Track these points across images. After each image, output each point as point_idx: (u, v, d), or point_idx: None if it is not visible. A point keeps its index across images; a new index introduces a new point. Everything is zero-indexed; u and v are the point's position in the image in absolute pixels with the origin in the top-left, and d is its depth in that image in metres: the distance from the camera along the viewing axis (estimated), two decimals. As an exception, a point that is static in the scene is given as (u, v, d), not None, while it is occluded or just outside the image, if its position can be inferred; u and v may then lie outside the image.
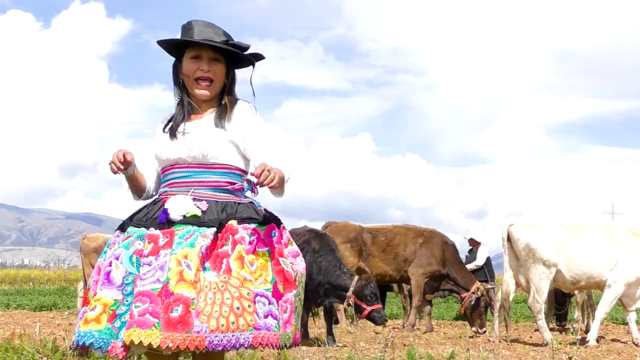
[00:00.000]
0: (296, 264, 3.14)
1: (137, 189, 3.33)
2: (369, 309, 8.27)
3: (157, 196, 3.26)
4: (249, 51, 3.29)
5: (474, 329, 10.56)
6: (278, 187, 2.99)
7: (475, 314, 10.62)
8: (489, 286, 11.66)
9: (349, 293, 8.25)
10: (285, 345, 3.04)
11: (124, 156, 3.11)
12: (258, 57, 3.30)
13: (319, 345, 8.28)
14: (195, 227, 3.01)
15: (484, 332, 10.47)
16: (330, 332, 8.57)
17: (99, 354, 2.90)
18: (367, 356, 5.80)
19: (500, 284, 10.42)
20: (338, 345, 8.32)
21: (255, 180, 2.95)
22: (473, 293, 10.61)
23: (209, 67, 3.22)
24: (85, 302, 3.05)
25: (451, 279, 10.97)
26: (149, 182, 3.37)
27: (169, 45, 3.32)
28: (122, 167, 3.12)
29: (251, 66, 3.32)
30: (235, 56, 3.27)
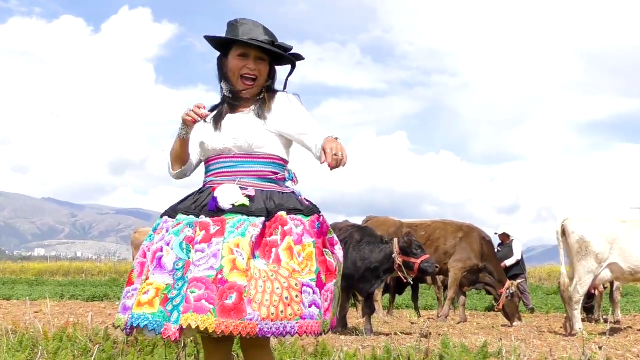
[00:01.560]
0: (336, 253, 3.16)
1: (181, 158, 3.32)
2: (418, 261, 8.27)
3: (202, 186, 3.25)
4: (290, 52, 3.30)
5: (515, 323, 10.51)
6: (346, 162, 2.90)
7: (511, 308, 10.62)
8: (520, 280, 11.61)
9: (395, 255, 8.26)
10: (324, 332, 3.04)
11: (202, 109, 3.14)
12: (298, 57, 3.30)
13: (357, 335, 8.28)
14: (245, 217, 3.00)
15: (521, 323, 10.43)
16: (368, 322, 8.58)
17: (151, 335, 2.90)
18: (403, 345, 5.78)
19: (557, 276, 10.31)
20: (375, 335, 8.33)
21: (326, 162, 2.86)
22: (507, 289, 10.59)
23: (255, 65, 3.22)
24: (129, 282, 3.09)
25: (488, 273, 10.91)
26: (191, 158, 3.37)
27: (216, 42, 3.31)
28: (202, 116, 3.13)
29: (290, 65, 3.32)
30: (278, 56, 3.27)
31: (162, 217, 3.21)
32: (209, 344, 3.21)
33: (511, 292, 10.62)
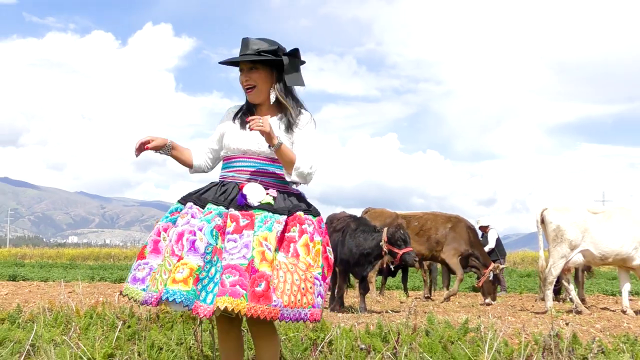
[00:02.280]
0: (330, 252, 3.19)
1: (184, 163, 3.36)
2: (400, 252, 8.26)
3: (221, 179, 3.22)
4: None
5: (487, 300, 10.55)
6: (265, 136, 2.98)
7: (489, 288, 10.64)
8: (503, 265, 11.65)
9: (382, 243, 8.25)
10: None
11: (141, 144, 3.21)
12: (294, 55, 3.20)
13: (352, 312, 8.28)
14: (270, 214, 3.01)
15: (495, 302, 10.45)
16: (362, 301, 8.57)
17: (180, 309, 2.89)
18: (393, 322, 5.77)
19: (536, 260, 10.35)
20: (369, 313, 8.32)
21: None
22: (491, 271, 10.61)
23: (247, 76, 3.21)
24: (141, 256, 3.10)
25: (475, 257, 10.93)
26: (197, 160, 3.37)
27: (228, 64, 3.29)
28: (137, 153, 3.23)
29: (299, 62, 3.23)
30: (279, 63, 3.20)
31: (183, 202, 3.17)
32: (222, 321, 3.20)
33: (495, 273, 10.65)
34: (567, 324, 6.71)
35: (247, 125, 2.96)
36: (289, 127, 3.16)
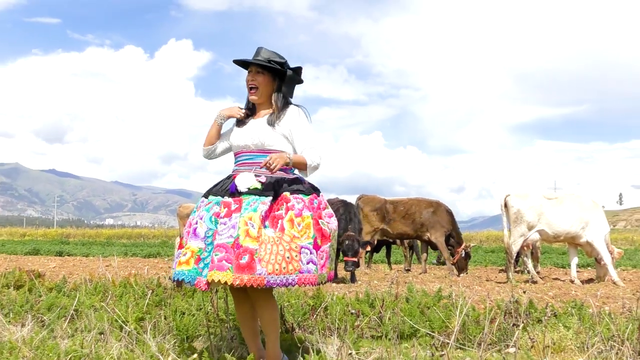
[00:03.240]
0: (330, 223, 3.12)
1: (213, 138, 3.31)
2: (345, 259, 8.28)
3: (231, 173, 3.22)
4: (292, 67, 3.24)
5: (465, 273, 10.52)
6: (279, 169, 3.01)
7: (461, 263, 10.63)
8: (472, 244, 11.60)
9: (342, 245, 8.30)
10: (322, 283, 3.05)
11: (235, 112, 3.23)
12: (294, 70, 3.22)
13: (344, 283, 8.28)
14: (257, 197, 3.00)
15: (465, 274, 10.42)
16: (352, 274, 8.57)
17: (188, 286, 2.95)
18: (378, 290, 5.78)
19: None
20: (358, 282, 8.33)
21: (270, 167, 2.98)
22: (463, 249, 10.62)
23: (253, 77, 3.20)
24: (180, 247, 3.12)
25: (452, 237, 10.89)
26: (219, 143, 3.34)
27: (239, 64, 3.29)
28: (242, 115, 3.23)
29: (294, 78, 3.23)
30: (278, 71, 3.20)
31: (200, 198, 3.22)
32: (234, 291, 3.20)
33: (466, 251, 10.62)
34: (524, 292, 6.72)
35: (267, 168, 2.98)
36: (276, 122, 3.15)
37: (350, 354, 3.26)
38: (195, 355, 3.17)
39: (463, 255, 10.59)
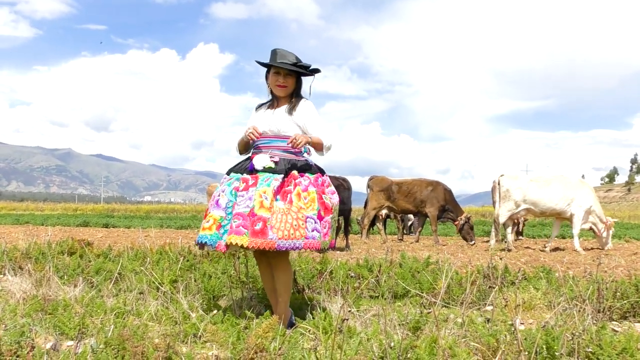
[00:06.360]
0: (333, 198, 3.14)
1: (245, 148, 3.32)
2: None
3: (249, 154, 3.24)
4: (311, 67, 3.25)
5: (472, 242, 10.35)
6: (304, 146, 3.06)
7: (465, 232, 10.54)
8: (468, 215, 11.56)
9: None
10: (325, 249, 3.07)
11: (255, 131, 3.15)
12: (315, 71, 3.24)
13: (346, 251, 8.30)
14: (271, 174, 3.02)
15: (474, 244, 10.32)
16: (347, 242, 8.56)
17: (210, 249, 2.96)
18: (375, 257, 5.78)
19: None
20: (358, 250, 8.33)
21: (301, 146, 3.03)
22: (461, 219, 10.58)
23: (284, 79, 3.19)
24: (205, 216, 3.14)
25: (450, 211, 10.85)
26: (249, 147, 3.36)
27: (262, 64, 3.29)
28: (257, 137, 3.15)
29: (312, 76, 3.27)
30: (304, 75, 3.24)
31: (225, 175, 3.24)
32: (258, 257, 3.23)
33: (464, 222, 10.53)
34: (500, 258, 6.72)
35: (293, 144, 3.02)
36: (292, 112, 3.16)
37: (351, 311, 3.28)
38: (218, 311, 3.19)
39: (462, 223, 10.50)
